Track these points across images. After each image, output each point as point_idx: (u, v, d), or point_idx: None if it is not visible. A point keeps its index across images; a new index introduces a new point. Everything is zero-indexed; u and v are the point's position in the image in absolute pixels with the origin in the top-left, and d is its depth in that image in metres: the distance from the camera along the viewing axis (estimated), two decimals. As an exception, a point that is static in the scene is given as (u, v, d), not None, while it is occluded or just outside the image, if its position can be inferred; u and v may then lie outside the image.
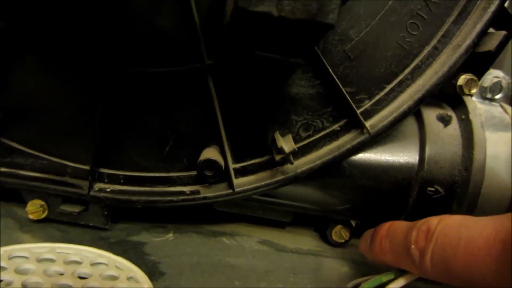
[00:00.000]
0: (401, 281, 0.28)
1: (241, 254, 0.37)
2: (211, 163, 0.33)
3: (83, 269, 0.28)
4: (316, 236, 0.42)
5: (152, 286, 0.27)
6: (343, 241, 0.41)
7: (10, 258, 0.28)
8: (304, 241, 0.41)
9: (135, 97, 0.34)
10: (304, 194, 0.37)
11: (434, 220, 0.26)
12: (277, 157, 0.33)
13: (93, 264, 0.28)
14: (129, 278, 0.28)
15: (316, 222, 0.43)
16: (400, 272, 0.29)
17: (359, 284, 0.30)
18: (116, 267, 0.29)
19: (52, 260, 0.28)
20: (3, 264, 0.27)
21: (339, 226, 0.40)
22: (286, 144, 0.32)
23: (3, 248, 0.28)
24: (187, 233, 0.39)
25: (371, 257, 0.32)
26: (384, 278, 0.29)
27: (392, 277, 0.29)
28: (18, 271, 0.27)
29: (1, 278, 0.26)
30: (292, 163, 0.33)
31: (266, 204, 0.39)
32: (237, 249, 0.38)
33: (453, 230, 0.24)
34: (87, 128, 0.34)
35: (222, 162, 0.34)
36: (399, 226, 0.29)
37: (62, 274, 0.27)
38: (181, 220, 0.41)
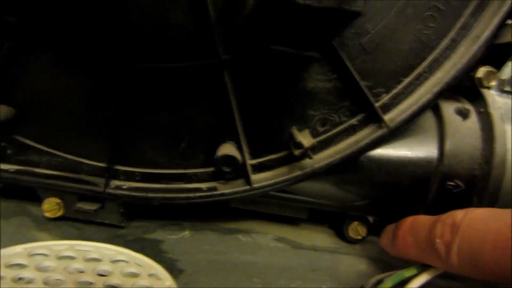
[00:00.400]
0: (424, 276, 0.28)
1: (258, 251, 0.37)
2: (229, 159, 0.33)
3: (104, 267, 0.28)
4: (332, 233, 0.42)
5: (174, 283, 0.27)
6: (360, 237, 0.40)
7: (30, 256, 0.27)
8: (320, 238, 0.41)
9: (150, 94, 0.33)
10: (321, 190, 0.37)
11: (459, 214, 0.26)
12: (296, 152, 0.33)
13: (113, 261, 0.28)
14: (150, 275, 0.27)
15: (332, 218, 0.42)
16: (422, 267, 0.29)
17: (382, 280, 0.30)
18: (137, 264, 0.29)
19: (72, 258, 0.28)
20: (23, 262, 0.27)
21: (356, 222, 0.40)
22: (304, 139, 0.32)
23: (23, 246, 0.28)
24: (202, 230, 0.39)
25: (393, 253, 0.31)
26: (406, 273, 0.29)
27: (414, 272, 0.29)
28: (39, 269, 0.26)
29: (23, 276, 0.26)
30: (311, 158, 0.33)
31: (282, 200, 0.39)
32: (254, 246, 0.38)
33: (480, 223, 0.24)
34: (102, 125, 0.34)
35: (239, 158, 0.33)
36: (423, 220, 0.29)
37: (82, 272, 0.27)
38: (195, 218, 0.40)
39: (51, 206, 0.35)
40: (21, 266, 0.27)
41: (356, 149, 0.34)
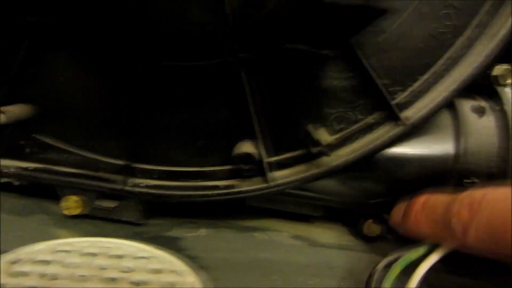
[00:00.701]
0: (434, 256, 0.28)
1: (275, 249, 0.37)
2: (246, 156, 0.33)
3: (127, 263, 0.28)
4: (347, 230, 0.42)
5: (197, 279, 0.27)
6: (375, 235, 0.40)
7: (54, 252, 0.28)
8: (334, 235, 0.41)
9: (167, 92, 0.34)
10: (337, 188, 0.37)
11: (478, 193, 0.25)
12: (313, 150, 0.33)
13: (136, 258, 0.28)
14: (173, 271, 0.28)
15: (346, 216, 0.42)
16: (430, 247, 0.28)
17: (391, 263, 0.30)
18: (159, 260, 0.29)
19: (95, 254, 0.28)
20: (48, 258, 0.27)
21: (371, 220, 0.40)
22: (322, 136, 0.32)
23: (47, 243, 0.29)
24: (218, 228, 0.39)
25: (403, 231, 0.31)
26: (414, 255, 0.29)
27: (422, 252, 0.28)
28: (64, 265, 0.27)
29: (48, 272, 0.26)
30: (328, 156, 0.33)
31: (298, 198, 0.39)
32: (270, 244, 0.38)
33: (501, 202, 0.24)
34: (121, 123, 0.34)
35: (257, 156, 0.34)
36: (437, 198, 0.28)
37: (105, 268, 0.27)
38: (211, 216, 0.40)
39: (70, 204, 0.35)
40: (46, 262, 0.27)
41: (373, 147, 0.34)
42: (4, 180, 0.36)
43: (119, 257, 0.28)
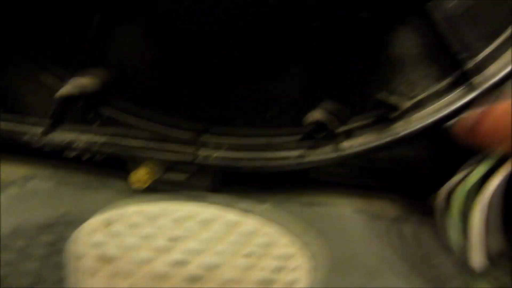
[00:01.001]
0: (507, 167, 0.27)
1: (339, 222, 0.37)
2: (319, 125, 0.33)
3: (218, 227, 0.28)
4: (411, 202, 0.41)
5: (290, 238, 0.27)
6: (440, 207, 0.40)
7: (143, 215, 0.27)
8: (399, 207, 0.40)
9: (237, 65, 0.33)
10: (402, 158, 0.37)
11: None
12: (385, 117, 0.33)
13: (226, 222, 0.28)
14: (265, 233, 0.27)
15: (411, 187, 0.42)
16: (499, 158, 0.28)
17: (459, 182, 0.29)
18: (249, 223, 0.29)
19: (184, 217, 0.28)
20: (140, 220, 0.27)
21: (437, 191, 0.39)
22: (394, 104, 0.32)
23: (135, 207, 0.28)
24: (283, 203, 0.39)
25: (471, 139, 0.29)
26: (482, 169, 0.28)
27: (490, 165, 0.28)
28: (157, 226, 0.26)
29: (144, 232, 0.26)
30: (400, 123, 0.33)
31: (361, 169, 0.38)
32: (334, 218, 0.38)
33: None
34: (191, 96, 0.34)
35: (329, 124, 0.33)
36: None
37: (198, 230, 0.27)
38: (273, 189, 0.40)
39: (140, 177, 0.35)
40: (138, 224, 0.27)
41: (446, 114, 0.34)
42: (73, 154, 0.36)
43: (209, 220, 0.28)
